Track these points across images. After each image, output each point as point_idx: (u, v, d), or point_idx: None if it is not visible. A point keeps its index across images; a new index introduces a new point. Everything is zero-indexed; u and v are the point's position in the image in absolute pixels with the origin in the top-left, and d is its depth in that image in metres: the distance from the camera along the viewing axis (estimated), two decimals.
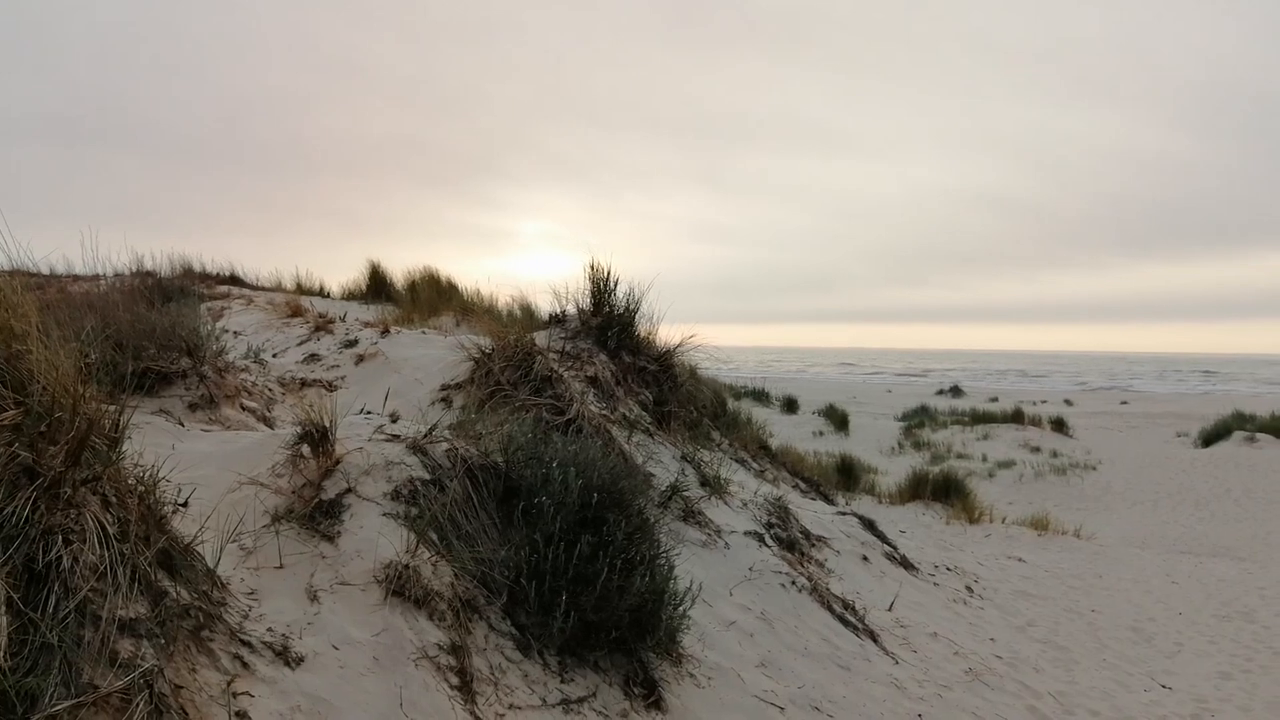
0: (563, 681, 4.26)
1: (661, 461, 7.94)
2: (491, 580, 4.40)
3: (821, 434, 31.15)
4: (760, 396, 39.71)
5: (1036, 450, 26.97)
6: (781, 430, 28.22)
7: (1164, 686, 8.01)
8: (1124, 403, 57.97)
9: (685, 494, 7.19)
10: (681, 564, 5.60)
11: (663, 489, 7.04)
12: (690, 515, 7.08)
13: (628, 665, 4.59)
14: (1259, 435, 27.79)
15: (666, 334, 9.61)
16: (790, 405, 38.66)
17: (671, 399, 9.46)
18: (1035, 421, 31.02)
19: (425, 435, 5.00)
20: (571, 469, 4.67)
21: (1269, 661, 8.97)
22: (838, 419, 33.39)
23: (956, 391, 58.87)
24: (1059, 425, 30.99)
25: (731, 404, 18.16)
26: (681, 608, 4.89)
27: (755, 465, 12.50)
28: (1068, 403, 54.14)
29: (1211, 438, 28.73)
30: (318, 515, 4.35)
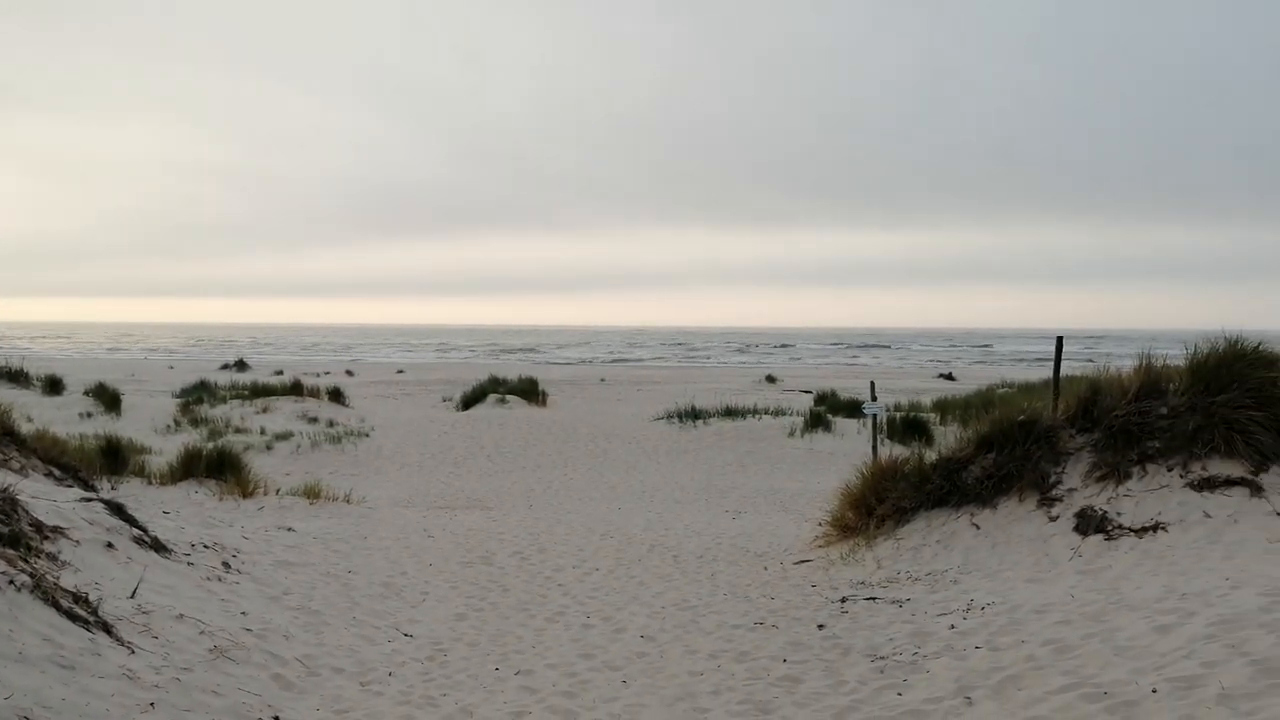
0: None
1: None
2: None
3: (91, 415, 28.82)
4: (17, 377, 35.70)
5: (315, 420, 27.52)
6: (42, 414, 25.72)
7: (406, 635, 8.63)
8: (400, 371, 61.48)
9: None
10: None
11: None
12: None
13: None
14: (509, 397, 31.19)
15: None
16: (54, 386, 35.17)
17: None
18: (314, 393, 31.61)
19: None
20: None
21: (499, 599, 10.10)
22: (109, 399, 31.11)
23: (241, 365, 58.03)
24: (336, 395, 31.93)
25: None
26: None
27: None
28: (349, 373, 56.09)
29: (470, 401, 31.62)
30: None
